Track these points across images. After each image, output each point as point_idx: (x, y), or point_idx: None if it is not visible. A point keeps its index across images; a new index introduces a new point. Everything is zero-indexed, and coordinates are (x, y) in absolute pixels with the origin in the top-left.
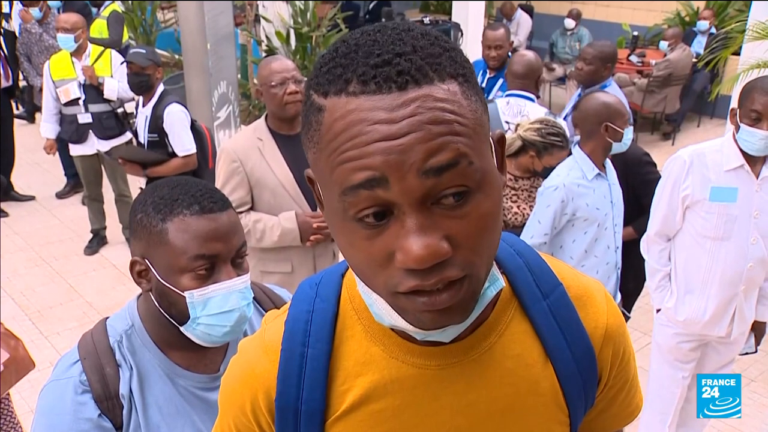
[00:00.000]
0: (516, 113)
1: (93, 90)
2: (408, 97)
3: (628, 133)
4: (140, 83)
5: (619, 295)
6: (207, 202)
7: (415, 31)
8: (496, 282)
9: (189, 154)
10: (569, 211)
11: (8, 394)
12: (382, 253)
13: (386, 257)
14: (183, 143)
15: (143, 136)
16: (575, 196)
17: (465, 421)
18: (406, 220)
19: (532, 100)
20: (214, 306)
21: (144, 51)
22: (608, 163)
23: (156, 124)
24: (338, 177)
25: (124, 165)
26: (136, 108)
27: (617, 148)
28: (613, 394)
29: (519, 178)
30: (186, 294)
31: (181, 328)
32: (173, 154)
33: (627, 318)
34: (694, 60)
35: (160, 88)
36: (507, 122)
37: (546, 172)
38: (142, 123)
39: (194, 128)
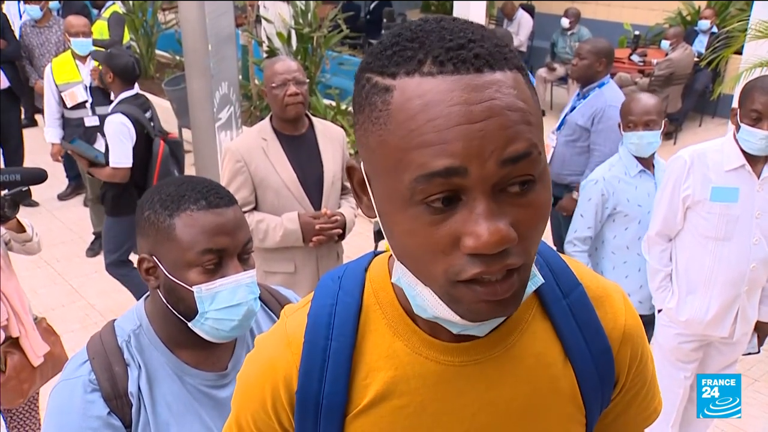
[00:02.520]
0: None
1: (100, 92)
2: (485, 80)
3: (638, 138)
4: (100, 79)
5: None
6: (213, 198)
7: (476, 24)
8: (535, 278)
9: (118, 167)
10: (610, 206)
11: (37, 394)
12: (448, 238)
13: (451, 243)
14: (114, 154)
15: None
16: (616, 191)
17: (486, 419)
18: (477, 206)
19: None
20: (222, 300)
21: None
22: (659, 162)
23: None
24: (414, 161)
25: (73, 155)
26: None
27: (636, 151)
28: (631, 396)
29: None
30: (194, 289)
31: (189, 324)
32: None
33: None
34: (696, 59)
35: (124, 94)
36: None
37: None
38: None
39: (150, 144)
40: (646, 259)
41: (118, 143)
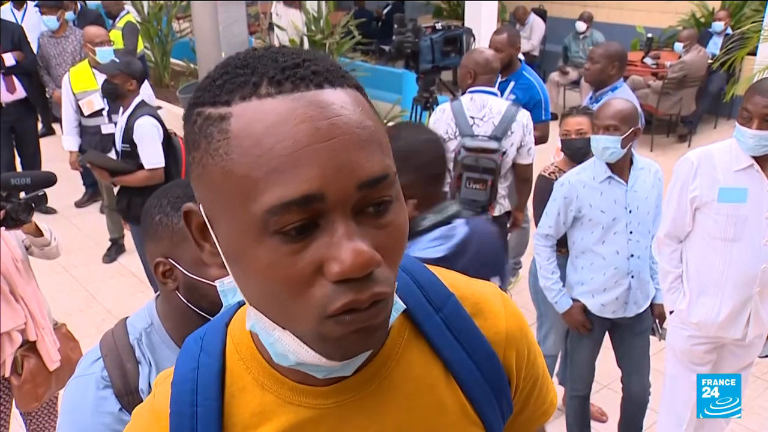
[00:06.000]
0: (480, 107)
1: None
2: (327, 96)
3: (596, 141)
4: (109, 91)
5: (647, 302)
6: None
7: (309, 49)
8: (396, 304)
9: (155, 168)
10: (574, 208)
11: (56, 398)
12: (310, 266)
13: (314, 272)
14: (149, 156)
15: (119, 146)
16: (579, 195)
17: None
18: (337, 229)
19: (495, 94)
20: None
21: (117, 61)
22: (638, 159)
23: (128, 134)
24: (266, 190)
25: (93, 170)
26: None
27: (596, 154)
28: (525, 395)
29: None
30: (217, 283)
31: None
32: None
33: (662, 336)
34: (710, 61)
35: (137, 99)
36: (472, 117)
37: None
38: (118, 132)
39: (170, 142)
40: (613, 266)
41: (151, 144)
